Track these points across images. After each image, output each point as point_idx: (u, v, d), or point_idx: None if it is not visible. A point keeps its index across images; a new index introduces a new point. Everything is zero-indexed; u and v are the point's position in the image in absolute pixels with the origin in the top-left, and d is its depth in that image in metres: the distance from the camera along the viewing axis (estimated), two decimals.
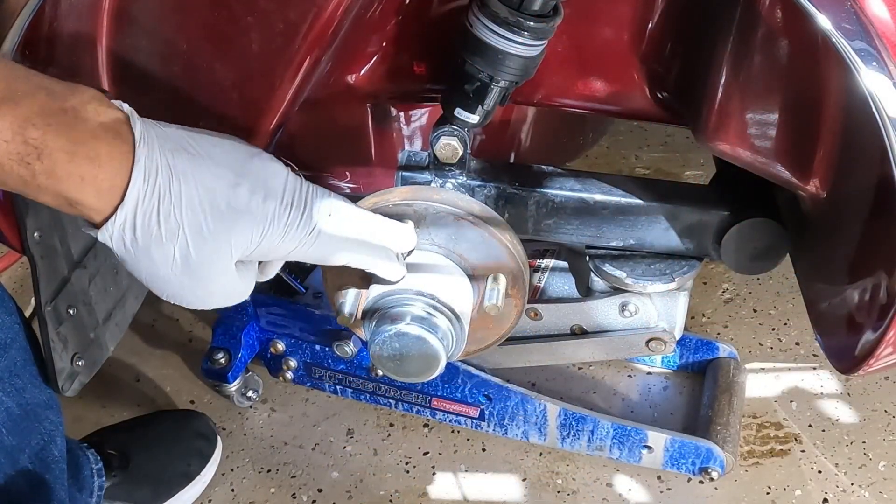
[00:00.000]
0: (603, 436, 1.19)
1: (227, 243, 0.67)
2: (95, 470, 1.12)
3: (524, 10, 0.83)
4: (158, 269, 0.67)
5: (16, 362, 0.92)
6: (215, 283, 0.69)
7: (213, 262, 0.67)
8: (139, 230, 0.65)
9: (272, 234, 0.69)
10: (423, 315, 0.83)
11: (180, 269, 0.67)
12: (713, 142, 0.86)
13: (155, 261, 0.66)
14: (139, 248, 0.66)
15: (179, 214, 0.65)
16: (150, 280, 0.68)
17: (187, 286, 0.68)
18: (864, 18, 0.67)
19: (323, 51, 0.82)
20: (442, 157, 0.94)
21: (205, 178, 0.66)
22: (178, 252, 0.66)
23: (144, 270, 0.67)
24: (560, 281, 1.16)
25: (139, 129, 0.65)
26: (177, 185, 0.65)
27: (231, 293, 0.71)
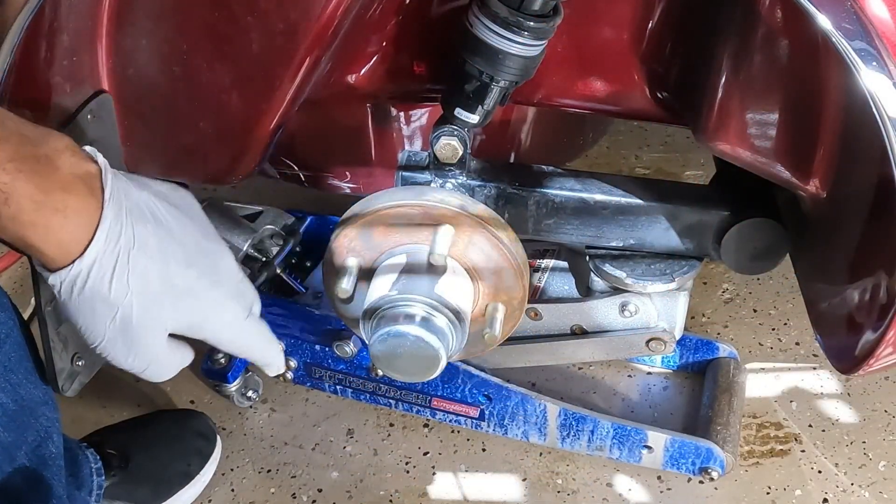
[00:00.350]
0: (603, 436, 1.19)
1: (166, 317, 0.71)
2: (94, 469, 1.12)
3: (524, 10, 0.83)
4: (97, 323, 0.69)
5: (10, 358, 0.91)
6: (146, 349, 0.72)
7: (148, 331, 0.71)
8: (89, 285, 0.67)
9: (209, 318, 0.73)
10: (424, 315, 0.83)
11: (117, 329, 0.69)
12: (713, 142, 0.86)
13: (96, 316, 0.69)
14: (84, 300, 0.68)
15: (131, 281, 0.68)
16: (85, 330, 0.70)
17: (119, 345, 0.71)
18: (864, 18, 0.68)
19: (323, 51, 0.82)
20: (442, 157, 0.94)
21: (164, 253, 0.70)
22: (120, 314, 0.69)
23: (83, 320, 0.70)
24: (560, 281, 1.16)
25: (109, 187, 0.67)
26: (136, 253, 0.68)
27: (157, 364, 0.74)
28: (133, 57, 0.85)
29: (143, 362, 0.73)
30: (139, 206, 0.70)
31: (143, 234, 0.69)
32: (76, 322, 0.70)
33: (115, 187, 0.67)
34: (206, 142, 0.91)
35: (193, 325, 0.73)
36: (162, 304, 0.70)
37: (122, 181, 0.69)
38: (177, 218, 0.73)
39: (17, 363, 0.92)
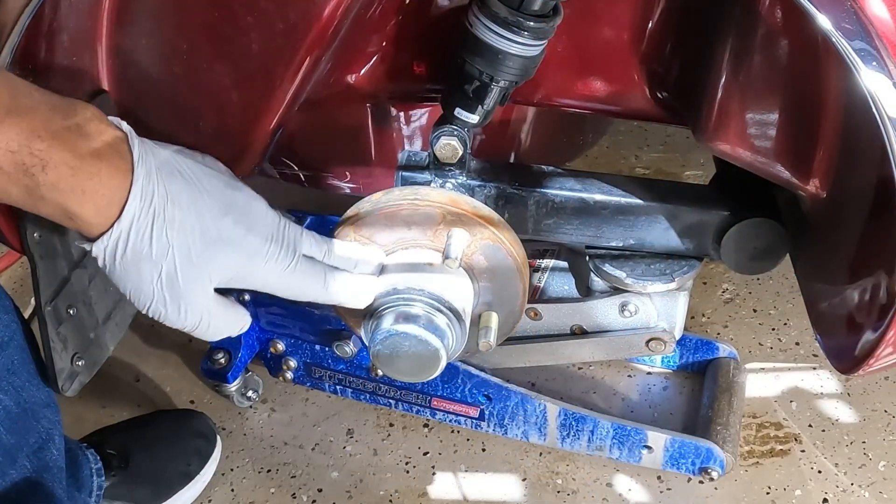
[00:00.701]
0: (603, 436, 1.19)
1: (209, 267, 0.72)
2: (95, 469, 1.12)
3: (524, 10, 0.83)
4: (144, 284, 0.70)
5: (13, 361, 0.92)
6: (196, 303, 0.73)
7: (195, 284, 0.72)
8: (131, 246, 0.68)
9: (251, 264, 0.74)
10: (424, 315, 0.83)
11: (164, 287, 0.71)
12: (713, 142, 0.86)
13: (142, 276, 0.70)
14: (129, 262, 0.69)
15: (171, 235, 0.69)
16: (133, 293, 0.72)
17: (168, 303, 0.72)
18: (864, 18, 0.68)
19: (323, 51, 0.82)
20: (442, 157, 0.94)
21: (196, 205, 0.71)
22: (164, 270, 0.70)
23: (130, 284, 0.71)
24: (560, 281, 1.17)
25: (137, 150, 0.68)
26: (171, 207, 0.69)
27: (208, 317, 0.75)
28: (133, 57, 0.85)
29: (195, 317, 0.74)
30: (167, 164, 0.71)
31: (174, 189, 0.70)
32: (124, 288, 0.71)
33: (142, 150, 0.69)
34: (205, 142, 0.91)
35: (239, 272, 0.74)
36: (203, 255, 0.71)
37: (148, 144, 0.71)
38: (203, 171, 0.74)
39: (20, 366, 0.92)
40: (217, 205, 0.72)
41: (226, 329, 0.77)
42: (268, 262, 0.74)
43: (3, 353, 0.91)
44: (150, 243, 0.69)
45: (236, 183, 0.77)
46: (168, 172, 0.70)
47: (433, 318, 0.83)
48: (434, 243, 0.86)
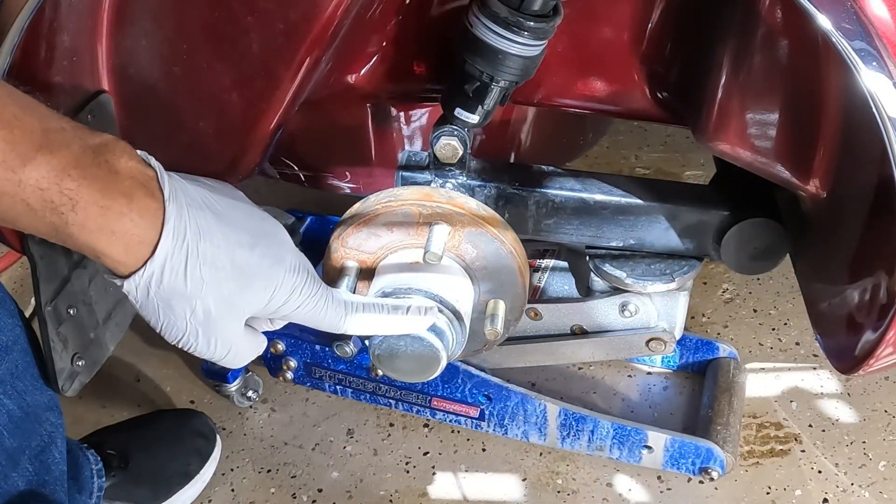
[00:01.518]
0: (603, 436, 1.19)
1: (242, 301, 0.72)
2: (95, 470, 1.12)
3: (524, 10, 0.83)
4: (177, 319, 0.70)
5: (17, 365, 0.92)
6: (227, 337, 0.73)
7: (228, 319, 0.72)
8: (165, 284, 0.68)
9: (279, 296, 0.73)
10: None
11: (198, 322, 0.70)
12: (713, 142, 0.86)
13: (175, 312, 0.70)
14: (162, 299, 0.69)
15: (204, 272, 0.69)
16: (165, 328, 0.71)
17: (200, 336, 0.71)
18: (864, 18, 0.68)
19: (323, 51, 0.82)
20: (442, 157, 0.94)
21: (227, 239, 0.71)
22: (199, 306, 0.70)
23: (163, 319, 0.71)
24: (560, 281, 1.17)
25: (168, 187, 0.68)
26: (203, 243, 0.69)
27: (236, 348, 0.74)
28: (133, 57, 0.85)
29: (224, 348, 0.73)
30: (196, 200, 0.70)
31: (205, 224, 0.69)
32: (156, 322, 0.71)
33: (173, 186, 0.68)
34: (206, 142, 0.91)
35: (270, 303, 0.74)
36: (237, 290, 0.71)
37: (177, 179, 0.70)
38: (231, 205, 0.74)
39: (24, 369, 0.92)
40: (247, 237, 0.72)
41: (249, 356, 0.77)
42: (294, 291, 0.74)
43: (7, 356, 0.91)
44: (185, 280, 0.68)
45: (258, 211, 0.78)
46: (198, 208, 0.70)
47: None
48: (419, 241, 0.86)
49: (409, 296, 0.83)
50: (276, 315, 0.76)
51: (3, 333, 0.90)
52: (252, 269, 0.72)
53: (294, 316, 0.76)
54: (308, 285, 0.76)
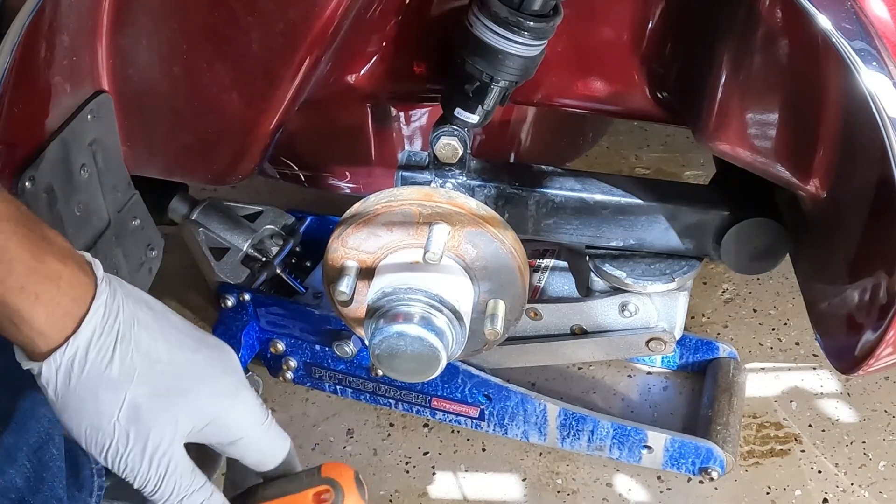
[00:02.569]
0: (603, 436, 1.19)
1: (181, 407, 0.63)
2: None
3: (524, 10, 0.83)
4: (102, 418, 0.61)
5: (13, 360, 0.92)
6: (162, 445, 0.62)
7: (163, 423, 0.62)
8: (89, 368, 0.59)
9: (227, 407, 0.65)
10: (423, 315, 0.83)
11: (128, 421, 0.61)
12: (713, 142, 0.86)
13: (101, 407, 0.60)
14: (84, 388, 0.60)
15: (136, 360, 0.61)
16: (89, 431, 0.62)
17: (131, 441, 0.62)
18: (864, 18, 0.68)
19: (323, 51, 0.82)
20: (442, 156, 0.94)
21: (165, 334, 0.63)
22: (128, 401, 0.60)
23: (86, 419, 0.61)
24: (560, 281, 1.16)
25: (101, 273, 0.62)
26: (138, 330, 0.61)
27: (176, 470, 0.64)
28: (133, 57, 0.85)
29: (160, 466, 0.63)
30: (133, 293, 0.64)
31: (142, 315, 0.62)
32: (78, 425, 0.62)
33: (109, 276, 0.62)
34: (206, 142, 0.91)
35: (214, 416, 0.64)
36: (176, 390, 0.62)
37: (113, 276, 0.64)
38: (173, 312, 0.66)
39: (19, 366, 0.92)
40: (189, 340, 0.64)
41: (193, 495, 0.65)
42: (244, 405, 0.65)
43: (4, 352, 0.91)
44: (111, 365, 0.59)
45: (204, 333, 0.69)
46: (135, 301, 0.63)
47: (433, 318, 0.83)
48: (420, 241, 0.86)
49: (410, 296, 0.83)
50: (222, 434, 0.65)
51: None
52: (195, 370, 0.63)
53: (242, 438, 0.66)
54: (260, 405, 0.67)
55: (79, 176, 0.93)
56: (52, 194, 0.89)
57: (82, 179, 0.94)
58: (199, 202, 1.27)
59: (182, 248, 1.30)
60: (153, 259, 1.10)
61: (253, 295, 1.25)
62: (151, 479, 0.63)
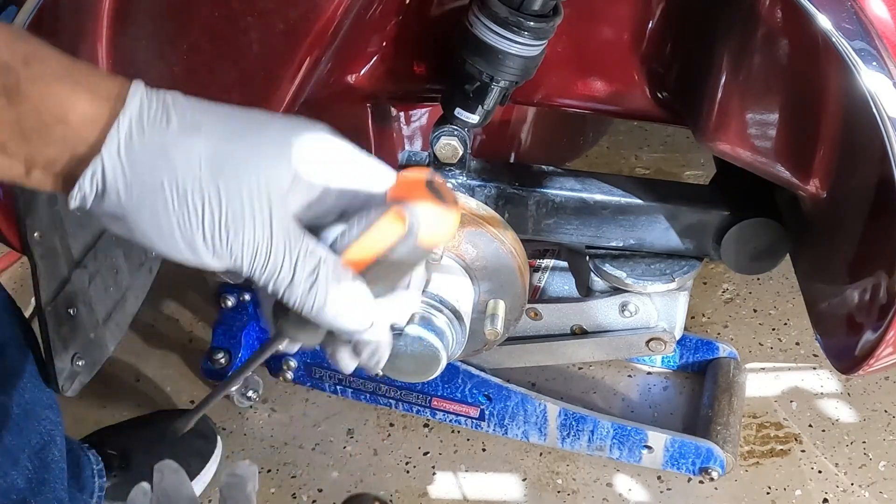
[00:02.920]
0: (603, 436, 1.19)
1: (266, 140, 0.53)
2: (97, 470, 1.12)
3: (524, 10, 0.83)
4: (183, 178, 0.50)
5: (15, 361, 0.92)
6: (263, 199, 0.51)
7: (255, 169, 0.51)
8: (148, 136, 0.50)
9: (319, 135, 0.57)
10: (423, 315, 0.83)
11: (210, 173, 0.50)
12: (713, 142, 0.86)
13: (176, 165, 0.50)
14: (152, 153, 0.50)
15: (198, 112, 0.52)
16: (174, 203, 0.51)
17: (223, 199, 0.51)
18: (864, 18, 0.68)
19: (323, 51, 0.82)
20: (442, 156, 0.94)
21: (225, 121, 0.54)
22: (204, 148, 0.51)
23: (162, 193, 0.50)
24: (560, 281, 1.16)
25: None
26: (185, 99, 0.53)
27: (287, 232, 0.52)
28: (133, 57, 0.85)
29: (265, 225, 0.51)
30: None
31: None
32: (151, 214, 0.51)
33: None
34: None
35: (306, 150, 0.54)
36: (252, 130, 0.53)
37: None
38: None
39: (21, 367, 0.92)
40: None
41: (340, 300, 0.53)
42: (328, 133, 0.57)
43: (4, 353, 0.91)
44: (170, 123, 0.51)
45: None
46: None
47: (433, 318, 0.83)
48: None
49: None
50: (321, 171, 0.56)
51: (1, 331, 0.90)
52: (264, 115, 0.55)
53: (350, 164, 0.57)
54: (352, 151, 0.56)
55: None
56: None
57: None
58: None
59: None
60: (153, 259, 1.10)
61: (253, 295, 1.25)
62: (239, 260, 0.53)
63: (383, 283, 0.56)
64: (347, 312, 0.54)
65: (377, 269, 0.55)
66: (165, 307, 1.52)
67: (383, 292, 0.56)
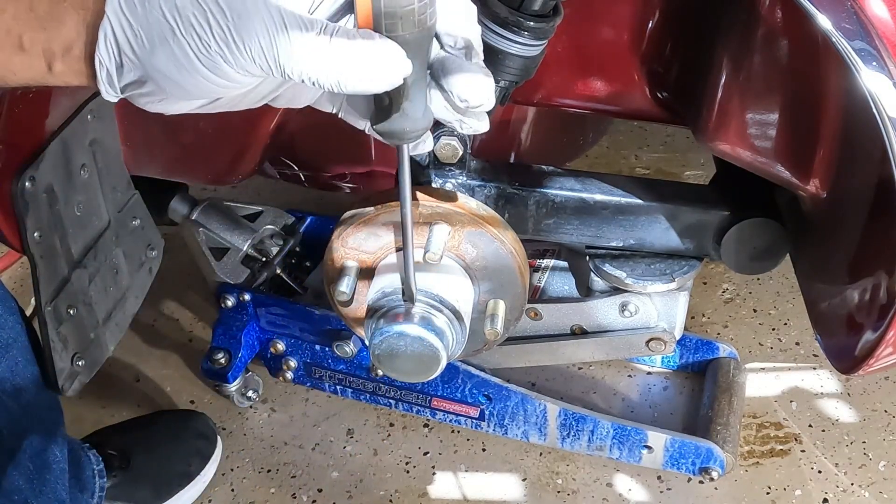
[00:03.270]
0: (603, 436, 1.19)
1: None
2: (97, 471, 1.13)
3: (524, 10, 0.83)
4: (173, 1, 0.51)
5: (17, 362, 0.92)
6: (259, 7, 0.51)
7: None
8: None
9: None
10: (423, 314, 0.83)
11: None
12: (713, 142, 0.86)
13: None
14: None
15: None
16: (178, 52, 0.51)
17: (219, 17, 0.50)
18: (864, 18, 0.68)
19: None
20: (442, 156, 0.94)
21: None
22: None
23: (166, 31, 0.51)
24: (560, 281, 1.17)
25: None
26: None
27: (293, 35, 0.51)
28: None
29: (270, 37, 0.50)
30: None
31: None
32: (158, 55, 0.51)
33: None
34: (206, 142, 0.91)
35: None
36: None
37: None
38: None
39: (23, 368, 0.92)
40: None
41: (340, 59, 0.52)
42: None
43: (6, 354, 0.91)
44: None
45: None
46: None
47: (433, 318, 0.83)
48: (420, 241, 0.86)
49: None
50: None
51: (2, 331, 0.90)
52: None
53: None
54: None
55: (79, 176, 0.93)
56: (52, 194, 0.89)
57: (82, 179, 0.94)
58: (199, 202, 1.27)
59: (182, 248, 1.31)
60: (153, 259, 1.10)
61: (253, 295, 1.25)
62: (278, 34, 0.51)
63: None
64: (395, 59, 0.53)
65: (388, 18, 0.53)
66: (165, 307, 1.52)
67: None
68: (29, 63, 0.54)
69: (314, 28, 0.51)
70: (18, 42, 0.53)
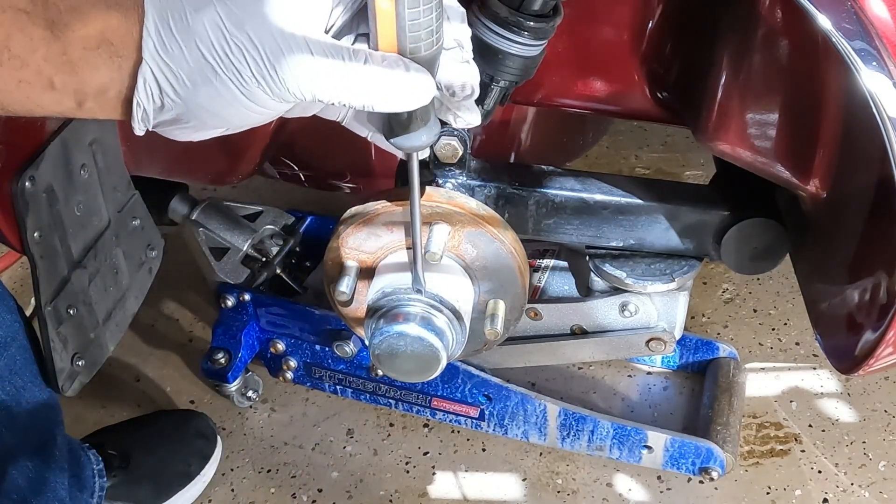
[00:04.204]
0: (603, 436, 1.19)
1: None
2: (97, 470, 1.13)
3: (524, 10, 0.83)
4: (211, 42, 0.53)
5: (16, 361, 0.92)
6: (290, 41, 0.53)
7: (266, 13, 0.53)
8: (170, 18, 0.53)
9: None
10: (423, 314, 0.83)
11: (233, 26, 0.53)
12: (713, 142, 0.86)
13: (204, 35, 0.53)
14: (180, 34, 0.53)
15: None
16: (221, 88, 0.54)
17: (254, 52, 0.53)
18: (864, 18, 0.67)
19: None
20: (442, 156, 0.94)
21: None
22: (219, 10, 0.53)
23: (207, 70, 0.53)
24: (560, 281, 1.16)
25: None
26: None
27: (315, 60, 0.54)
28: None
29: (303, 66, 0.53)
30: None
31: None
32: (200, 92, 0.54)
33: None
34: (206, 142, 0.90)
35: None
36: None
37: None
38: None
39: (22, 366, 0.93)
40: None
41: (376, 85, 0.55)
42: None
43: (5, 352, 0.91)
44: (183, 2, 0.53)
45: None
46: None
47: (433, 318, 0.83)
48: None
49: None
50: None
51: (1, 329, 0.90)
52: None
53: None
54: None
55: (79, 176, 0.93)
56: (52, 194, 0.89)
57: (82, 179, 0.94)
58: (199, 202, 1.27)
59: (182, 248, 1.31)
60: (153, 259, 1.10)
61: (253, 295, 1.25)
62: (308, 64, 0.54)
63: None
64: (424, 84, 0.56)
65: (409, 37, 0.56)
66: (165, 307, 1.52)
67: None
68: (58, 100, 0.55)
69: (344, 56, 0.54)
70: (49, 83, 0.54)
